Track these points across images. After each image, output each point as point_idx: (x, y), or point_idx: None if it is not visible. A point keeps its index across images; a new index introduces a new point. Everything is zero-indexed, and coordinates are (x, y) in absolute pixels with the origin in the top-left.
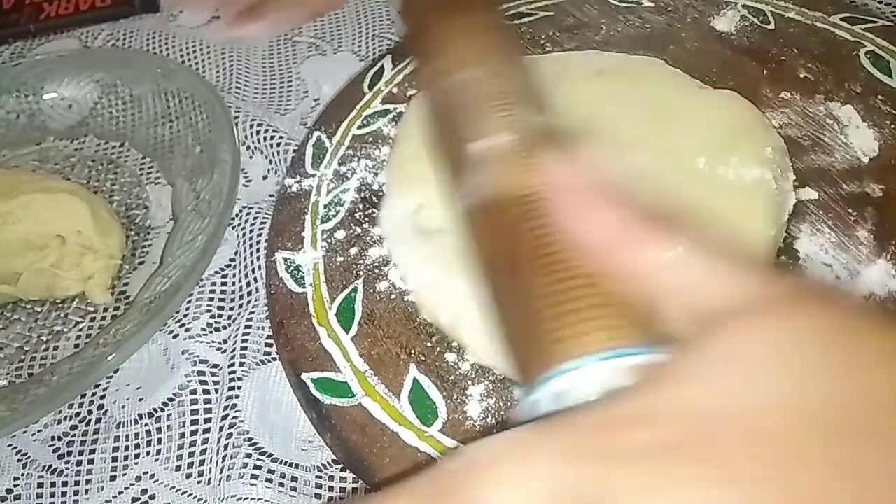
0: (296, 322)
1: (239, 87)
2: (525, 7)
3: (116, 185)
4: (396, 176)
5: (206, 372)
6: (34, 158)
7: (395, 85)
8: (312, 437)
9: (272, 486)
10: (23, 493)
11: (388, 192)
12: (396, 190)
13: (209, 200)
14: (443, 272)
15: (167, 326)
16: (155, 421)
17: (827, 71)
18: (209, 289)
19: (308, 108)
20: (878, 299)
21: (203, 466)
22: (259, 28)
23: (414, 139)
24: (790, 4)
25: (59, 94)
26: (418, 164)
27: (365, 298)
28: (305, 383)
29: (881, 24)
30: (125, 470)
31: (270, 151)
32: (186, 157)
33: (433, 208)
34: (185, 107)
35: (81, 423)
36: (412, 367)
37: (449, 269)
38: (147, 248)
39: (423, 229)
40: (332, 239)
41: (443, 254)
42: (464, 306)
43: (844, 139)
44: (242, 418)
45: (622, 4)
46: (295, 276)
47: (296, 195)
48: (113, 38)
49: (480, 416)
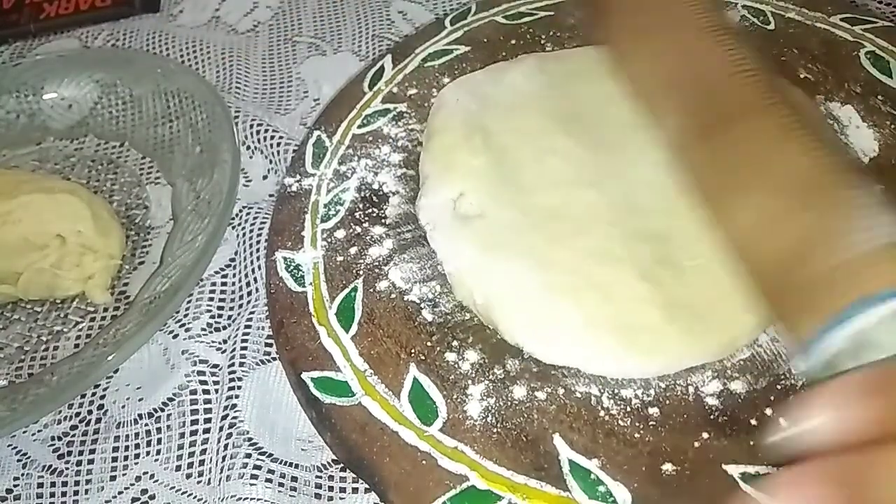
0: (296, 321)
1: (239, 87)
2: (525, 7)
3: (116, 185)
4: (437, 165)
5: (206, 372)
6: (34, 158)
7: (395, 84)
8: (312, 437)
9: (272, 486)
10: (23, 493)
11: (428, 181)
12: (437, 179)
13: (209, 200)
14: (479, 255)
15: (167, 326)
16: (155, 421)
17: (827, 71)
18: (209, 289)
19: (308, 108)
20: None
21: (203, 466)
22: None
23: (451, 130)
24: (790, 5)
25: (59, 94)
26: (459, 153)
27: (365, 298)
28: (305, 382)
29: (881, 25)
30: (125, 470)
31: (270, 151)
32: (186, 157)
33: (473, 195)
34: (185, 107)
35: (81, 423)
36: (412, 366)
37: (485, 253)
38: (147, 248)
39: (462, 215)
40: (332, 238)
41: (480, 238)
42: (498, 288)
43: (844, 139)
44: (242, 418)
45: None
46: (295, 276)
47: (296, 194)
48: (113, 38)
49: (480, 416)
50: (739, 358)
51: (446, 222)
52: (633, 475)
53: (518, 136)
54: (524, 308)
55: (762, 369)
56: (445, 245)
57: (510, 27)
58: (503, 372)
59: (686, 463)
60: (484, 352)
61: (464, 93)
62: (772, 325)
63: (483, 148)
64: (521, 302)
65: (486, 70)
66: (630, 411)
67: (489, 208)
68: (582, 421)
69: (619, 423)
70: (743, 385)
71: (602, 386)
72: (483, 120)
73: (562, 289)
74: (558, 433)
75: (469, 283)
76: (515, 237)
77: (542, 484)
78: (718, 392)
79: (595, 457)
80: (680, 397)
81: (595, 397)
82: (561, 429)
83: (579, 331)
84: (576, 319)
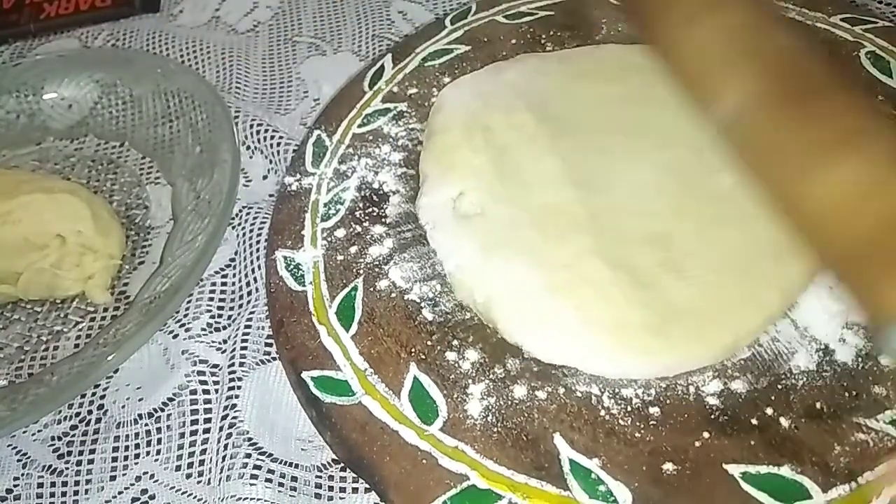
0: (296, 320)
1: (239, 87)
2: (525, 7)
3: (116, 185)
4: (438, 164)
5: (206, 372)
6: (34, 158)
7: (395, 84)
8: (312, 437)
9: (272, 485)
10: (23, 493)
11: (428, 180)
12: (438, 178)
13: (209, 200)
14: (479, 254)
15: (167, 326)
16: (155, 421)
17: None
18: (209, 289)
19: (308, 107)
20: None
21: (203, 466)
22: None
23: (452, 129)
24: (790, 5)
25: (59, 94)
26: (460, 152)
27: (365, 297)
28: (305, 382)
29: (881, 25)
30: (125, 470)
31: (270, 151)
32: (186, 157)
33: (474, 194)
34: (185, 107)
35: (81, 423)
36: (412, 365)
37: (485, 252)
38: (147, 248)
39: (462, 214)
40: (333, 237)
41: (480, 237)
42: (497, 287)
43: None
44: (242, 418)
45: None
46: (295, 275)
47: (296, 193)
48: (113, 38)
49: (481, 415)
50: (740, 357)
51: (446, 221)
52: (634, 474)
53: (519, 136)
54: (524, 307)
55: (763, 369)
56: (445, 244)
57: (510, 27)
58: (503, 371)
59: (687, 462)
60: (484, 351)
61: (465, 92)
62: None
63: (484, 147)
64: (521, 301)
65: (487, 69)
66: (631, 411)
67: (489, 207)
68: (582, 420)
69: (620, 422)
70: (744, 385)
71: (602, 385)
72: (484, 119)
73: (560, 288)
74: (559, 432)
75: (469, 282)
76: (515, 236)
77: (543, 483)
78: (719, 391)
79: (595, 456)
80: (681, 397)
81: (595, 397)
82: (561, 428)
83: (577, 330)
84: (573, 319)
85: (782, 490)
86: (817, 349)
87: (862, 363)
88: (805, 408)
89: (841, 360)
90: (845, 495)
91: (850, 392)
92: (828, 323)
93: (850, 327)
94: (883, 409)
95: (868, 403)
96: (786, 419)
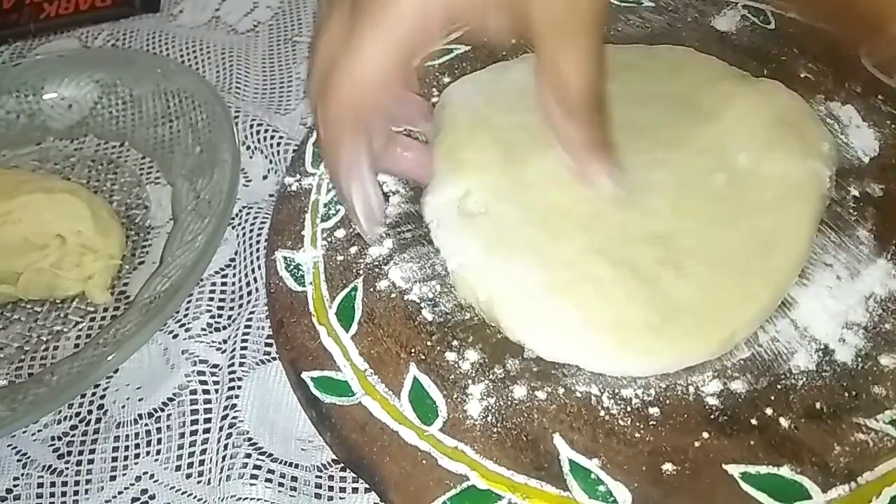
0: (296, 321)
1: (239, 87)
2: None
3: (116, 185)
4: (444, 163)
5: (206, 372)
6: (34, 158)
7: None
8: (312, 437)
9: (272, 486)
10: (23, 493)
11: (434, 178)
12: (444, 177)
13: (209, 200)
14: (482, 252)
15: (167, 326)
16: (155, 421)
17: (827, 71)
18: (209, 289)
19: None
20: (879, 299)
21: (203, 466)
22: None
23: (458, 128)
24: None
25: (59, 94)
26: (466, 150)
27: (365, 297)
28: (305, 382)
29: None
30: (125, 470)
31: (270, 151)
32: (186, 157)
33: (479, 193)
34: (185, 107)
35: (81, 423)
36: (412, 365)
37: (488, 250)
38: (147, 248)
39: (467, 213)
40: (332, 237)
41: (484, 235)
42: (500, 286)
43: (845, 139)
44: (242, 418)
45: (622, 4)
46: (295, 275)
47: (296, 193)
48: (113, 38)
49: (481, 415)
50: (739, 357)
51: (451, 220)
52: (634, 475)
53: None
54: (526, 305)
55: (762, 369)
56: (449, 242)
57: None
58: (503, 371)
59: (686, 462)
60: (484, 351)
61: (469, 90)
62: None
63: (490, 145)
64: (523, 299)
65: (490, 69)
66: (630, 411)
67: (493, 206)
68: (582, 420)
69: (620, 422)
70: (743, 385)
71: (602, 385)
72: (490, 118)
73: (562, 286)
74: (558, 433)
75: (472, 280)
76: (518, 235)
77: (543, 483)
78: (719, 392)
79: (595, 456)
80: (680, 397)
81: (595, 397)
82: (561, 428)
83: (578, 328)
84: (575, 317)
85: (782, 490)
86: (817, 349)
87: (862, 363)
88: (805, 408)
89: (841, 360)
90: (845, 495)
91: (850, 392)
92: (827, 323)
93: (849, 327)
94: (883, 409)
95: (868, 403)
96: (785, 419)
